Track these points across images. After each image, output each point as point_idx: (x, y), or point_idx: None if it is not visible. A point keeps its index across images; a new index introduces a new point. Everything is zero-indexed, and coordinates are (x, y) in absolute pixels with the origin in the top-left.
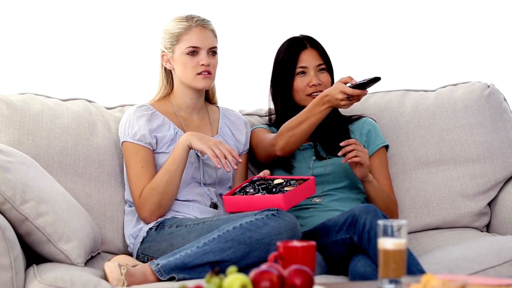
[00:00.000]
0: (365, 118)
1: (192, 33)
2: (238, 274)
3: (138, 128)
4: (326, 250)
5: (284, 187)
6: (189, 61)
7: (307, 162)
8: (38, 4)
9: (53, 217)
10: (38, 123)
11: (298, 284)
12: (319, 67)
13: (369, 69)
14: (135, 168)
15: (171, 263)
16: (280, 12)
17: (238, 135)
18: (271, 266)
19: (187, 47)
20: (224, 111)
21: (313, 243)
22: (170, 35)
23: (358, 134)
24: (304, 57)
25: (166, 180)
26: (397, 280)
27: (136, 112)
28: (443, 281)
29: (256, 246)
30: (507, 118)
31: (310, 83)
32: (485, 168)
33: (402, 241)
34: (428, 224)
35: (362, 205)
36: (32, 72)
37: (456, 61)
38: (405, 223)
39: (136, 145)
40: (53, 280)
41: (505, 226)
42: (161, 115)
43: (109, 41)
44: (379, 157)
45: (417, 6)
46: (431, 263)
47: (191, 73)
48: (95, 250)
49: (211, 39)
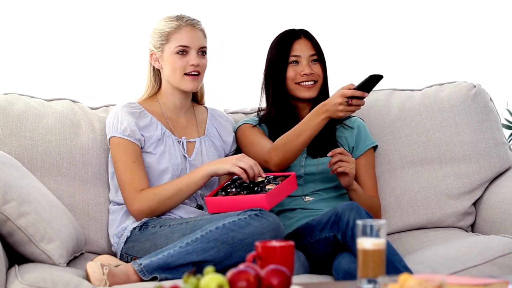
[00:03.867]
0: (355, 117)
1: (182, 32)
2: (215, 274)
3: (128, 123)
4: (310, 249)
5: (266, 186)
6: (178, 61)
7: (299, 160)
8: (22, 5)
9: (35, 217)
10: (22, 123)
11: (275, 284)
12: (312, 57)
13: (356, 69)
14: (127, 163)
15: (153, 263)
16: (271, 11)
17: (225, 136)
18: (249, 266)
19: (177, 46)
20: (213, 112)
21: (292, 243)
22: (159, 34)
23: (348, 133)
24: (298, 46)
25: (172, 194)
26: (376, 280)
27: (125, 108)
28: (420, 281)
29: (239, 246)
30: (493, 118)
31: (302, 72)
32: (471, 168)
33: (381, 241)
34: (413, 224)
35: (346, 203)
36: (16, 72)
37: (443, 61)
38: (384, 223)
39: (126, 140)
40: (34, 280)
41: (490, 226)
42: (149, 115)
43: (94, 41)
44: (367, 158)
45: (404, 7)
46: (415, 263)
47: (179, 74)
48: (78, 250)
49: (201, 39)
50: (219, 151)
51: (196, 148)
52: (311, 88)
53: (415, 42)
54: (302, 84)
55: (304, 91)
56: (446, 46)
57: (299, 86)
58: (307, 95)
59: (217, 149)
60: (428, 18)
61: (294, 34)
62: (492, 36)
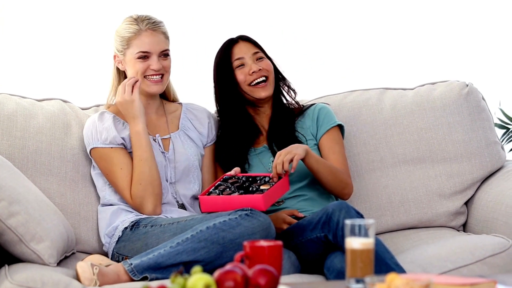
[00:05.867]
0: (315, 104)
1: (142, 37)
2: (202, 274)
3: (107, 132)
4: (301, 249)
5: (260, 186)
6: (140, 65)
7: (265, 166)
8: (12, 5)
9: (25, 217)
10: (13, 123)
11: (262, 284)
12: (255, 55)
13: (349, 68)
14: (115, 172)
15: (144, 263)
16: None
17: (200, 127)
18: (236, 266)
19: (137, 52)
20: (188, 106)
21: (280, 243)
22: (121, 39)
23: (309, 121)
24: (237, 49)
25: (148, 168)
26: (364, 279)
27: (100, 118)
28: (407, 281)
29: (230, 246)
30: (485, 117)
31: (250, 71)
32: (463, 167)
33: (369, 241)
34: (404, 223)
35: (335, 203)
36: (7, 72)
37: (435, 60)
38: (372, 222)
39: (108, 149)
40: (24, 280)
41: (481, 225)
42: (120, 120)
43: (85, 41)
44: (329, 135)
45: (396, 5)
46: (405, 262)
47: (141, 77)
48: (69, 250)
49: (162, 43)
50: (196, 142)
51: (171, 143)
52: (265, 87)
53: (408, 41)
54: (255, 85)
55: (260, 91)
56: (439, 45)
57: (253, 88)
58: (264, 95)
59: (193, 141)
60: (421, 17)
61: (231, 41)
62: (484, 35)
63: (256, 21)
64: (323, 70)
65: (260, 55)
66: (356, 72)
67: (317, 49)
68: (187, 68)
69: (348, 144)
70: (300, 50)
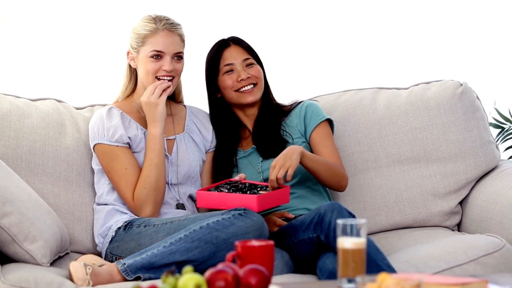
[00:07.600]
0: (302, 102)
1: (158, 37)
2: (193, 274)
3: (114, 129)
4: (293, 249)
5: (259, 191)
6: (152, 64)
7: (255, 167)
8: (6, 5)
9: (18, 217)
10: (7, 123)
11: (253, 284)
12: (245, 61)
13: (344, 68)
14: (119, 171)
15: (137, 263)
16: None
17: (204, 132)
18: (227, 265)
19: (151, 50)
20: (191, 109)
21: (271, 243)
22: (137, 36)
23: (297, 119)
24: (228, 54)
25: (156, 174)
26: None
27: (109, 113)
28: (397, 280)
29: (223, 246)
30: (480, 116)
31: (238, 78)
32: (457, 167)
33: (361, 241)
34: (399, 223)
35: (328, 203)
36: (1, 72)
37: (429, 59)
38: (364, 222)
39: (114, 146)
40: (17, 280)
41: (476, 225)
42: (128, 116)
43: (79, 41)
44: (319, 130)
45: (390, 5)
46: (399, 262)
47: (151, 77)
48: (62, 250)
49: (177, 44)
50: (199, 147)
51: (176, 145)
52: (252, 92)
53: (402, 41)
54: (242, 90)
55: (247, 96)
56: (433, 44)
57: (239, 93)
58: (250, 100)
59: (197, 145)
60: (415, 16)
61: (223, 43)
62: (479, 34)
63: (256, 21)
64: (323, 70)
65: (251, 61)
66: (350, 72)
67: (317, 49)
68: (187, 68)
69: (342, 144)
70: (300, 50)
